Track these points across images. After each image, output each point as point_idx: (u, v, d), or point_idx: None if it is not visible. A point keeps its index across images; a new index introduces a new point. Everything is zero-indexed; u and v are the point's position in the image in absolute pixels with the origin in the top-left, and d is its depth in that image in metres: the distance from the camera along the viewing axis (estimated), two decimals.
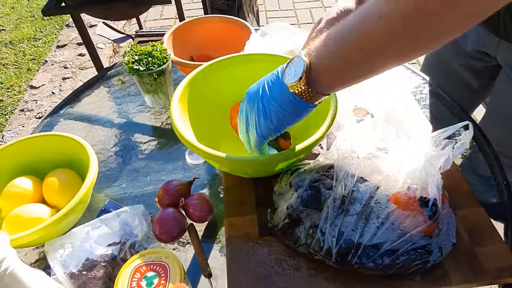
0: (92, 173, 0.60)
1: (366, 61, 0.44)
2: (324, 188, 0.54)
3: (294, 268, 0.52)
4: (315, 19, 2.71)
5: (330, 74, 0.47)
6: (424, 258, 0.49)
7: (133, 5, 1.39)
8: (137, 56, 0.77)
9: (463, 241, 0.53)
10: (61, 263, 0.54)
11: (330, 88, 0.49)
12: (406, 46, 0.41)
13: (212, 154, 0.54)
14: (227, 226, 0.58)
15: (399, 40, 0.40)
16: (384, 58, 0.43)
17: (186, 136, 0.57)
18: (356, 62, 0.44)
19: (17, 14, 2.99)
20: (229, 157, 0.54)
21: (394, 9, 0.38)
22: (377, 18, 0.40)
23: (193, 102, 0.67)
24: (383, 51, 0.42)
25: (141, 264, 0.50)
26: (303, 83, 0.47)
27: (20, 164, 0.67)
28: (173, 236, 0.58)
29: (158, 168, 0.73)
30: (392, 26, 0.39)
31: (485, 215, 0.57)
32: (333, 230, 0.50)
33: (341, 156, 0.56)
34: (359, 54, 0.43)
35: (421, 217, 0.49)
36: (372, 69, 0.45)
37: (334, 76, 0.48)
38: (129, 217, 0.58)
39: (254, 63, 0.71)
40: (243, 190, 0.63)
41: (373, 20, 0.40)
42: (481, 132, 0.75)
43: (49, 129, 0.84)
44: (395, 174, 0.54)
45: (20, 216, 0.59)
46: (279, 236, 0.56)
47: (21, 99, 2.20)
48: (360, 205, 0.52)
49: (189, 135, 0.59)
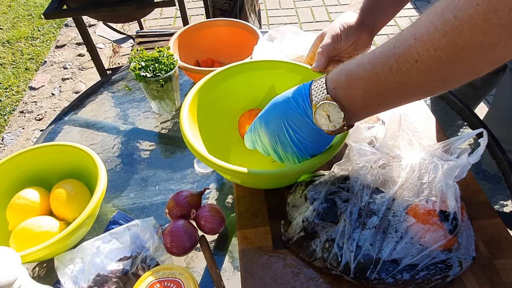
0: (101, 186, 0.59)
1: (401, 92, 0.43)
2: (340, 201, 0.53)
3: (311, 283, 0.51)
4: (316, 18, 2.69)
5: (364, 111, 0.47)
6: (444, 273, 0.48)
7: (137, 8, 1.36)
8: (144, 62, 0.76)
9: (481, 254, 0.53)
10: (72, 279, 0.52)
11: (360, 119, 0.50)
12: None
13: (230, 169, 0.53)
14: (240, 238, 0.57)
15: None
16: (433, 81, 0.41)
17: (202, 152, 0.55)
18: (390, 94, 0.44)
19: (14, 13, 2.96)
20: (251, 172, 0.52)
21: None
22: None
23: (202, 111, 0.66)
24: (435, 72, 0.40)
25: (155, 281, 0.49)
26: (341, 127, 0.47)
27: (26, 175, 0.66)
28: (185, 249, 0.57)
29: (167, 177, 0.72)
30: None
31: (503, 226, 0.56)
32: (350, 245, 0.49)
33: (356, 167, 0.55)
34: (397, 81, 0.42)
35: (441, 232, 0.48)
36: (405, 98, 0.45)
37: (367, 111, 0.48)
38: (140, 230, 0.57)
39: (264, 70, 0.70)
40: (255, 200, 0.62)
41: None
42: (495, 140, 0.74)
43: (53, 137, 0.83)
44: (411, 185, 0.54)
45: (28, 230, 0.57)
46: (294, 250, 0.54)
47: (20, 100, 2.18)
48: (378, 218, 0.51)
49: (201, 148, 0.58)
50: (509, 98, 0.84)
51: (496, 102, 0.90)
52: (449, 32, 0.34)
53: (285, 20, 2.68)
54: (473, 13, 0.33)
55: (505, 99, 0.86)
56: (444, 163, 0.53)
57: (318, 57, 0.62)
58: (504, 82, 0.85)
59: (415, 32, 0.38)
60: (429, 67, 0.37)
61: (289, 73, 0.69)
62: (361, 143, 0.58)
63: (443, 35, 0.35)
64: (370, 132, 0.67)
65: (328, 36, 0.63)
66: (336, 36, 0.63)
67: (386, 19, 0.67)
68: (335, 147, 0.54)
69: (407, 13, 2.68)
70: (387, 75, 0.41)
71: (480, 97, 1.03)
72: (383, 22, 0.67)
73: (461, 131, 0.81)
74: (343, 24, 0.63)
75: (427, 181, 0.53)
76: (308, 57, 0.69)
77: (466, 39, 0.34)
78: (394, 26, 2.58)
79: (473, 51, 0.34)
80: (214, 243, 0.62)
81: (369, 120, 0.71)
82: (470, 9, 0.33)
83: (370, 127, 0.69)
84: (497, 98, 0.90)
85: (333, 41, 0.62)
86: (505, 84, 0.85)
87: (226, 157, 0.65)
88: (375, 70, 0.42)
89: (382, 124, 0.70)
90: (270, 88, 0.72)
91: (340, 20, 0.64)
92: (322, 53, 0.62)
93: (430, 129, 0.73)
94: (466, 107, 0.83)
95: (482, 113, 0.97)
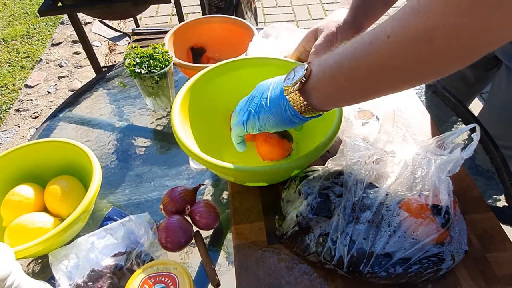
0: (96, 182, 0.59)
1: (373, 78, 0.41)
2: (333, 196, 0.53)
3: (305, 277, 0.52)
4: (312, 16, 2.69)
5: (328, 86, 0.45)
6: (436, 266, 0.48)
7: (133, 5, 1.36)
8: (139, 59, 0.76)
9: (474, 248, 0.53)
10: (66, 274, 0.52)
11: (324, 102, 0.47)
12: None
13: (221, 166, 0.52)
14: (235, 234, 0.57)
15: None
16: (396, 75, 0.40)
17: (193, 149, 0.55)
18: (362, 78, 0.42)
19: (10, 11, 2.94)
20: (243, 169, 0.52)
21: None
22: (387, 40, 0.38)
23: (194, 108, 0.66)
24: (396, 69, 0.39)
25: (150, 275, 0.49)
26: (297, 90, 0.46)
27: (21, 171, 0.66)
28: (179, 244, 0.57)
29: (162, 173, 0.72)
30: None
31: (496, 220, 0.56)
32: (344, 239, 0.50)
33: (350, 162, 0.56)
34: (373, 69, 0.40)
35: (433, 225, 0.48)
36: (375, 90, 0.43)
37: (332, 90, 0.45)
38: (134, 226, 0.57)
39: (256, 68, 0.70)
40: (249, 196, 0.62)
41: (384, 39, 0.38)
42: (488, 136, 0.75)
43: (48, 133, 0.83)
44: (404, 180, 0.54)
45: (23, 226, 0.57)
46: (288, 244, 0.55)
47: (15, 98, 2.17)
48: (371, 212, 0.51)
49: (193, 145, 0.58)
50: (503, 95, 0.84)
51: (491, 99, 0.90)
52: (422, 12, 0.34)
53: (281, 18, 2.67)
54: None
55: (500, 96, 0.86)
56: (437, 158, 0.53)
57: (312, 58, 0.62)
58: (499, 78, 0.85)
59: (394, 14, 0.38)
60: (400, 45, 0.37)
61: (279, 70, 0.69)
62: (355, 138, 0.58)
63: (416, 14, 0.35)
64: (364, 128, 0.68)
65: (323, 35, 0.62)
66: (332, 36, 0.62)
67: (374, 18, 0.67)
68: (325, 144, 0.54)
69: None
70: (360, 50, 0.40)
71: (474, 93, 1.04)
72: (371, 21, 0.67)
73: (455, 127, 0.81)
74: (339, 24, 0.63)
75: (420, 175, 0.53)
76: (298, 51, 0.68)
77: (439, 19, 0.33)
78: None
79: (444, 32, 0.33)
80: (209, 238, 0.62)
81: (364, 116, 0.71)
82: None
83: (364, 123, 0.70)
84: (492, 95, 0.90)
85: (328, 41, 0.62)
86: (499, 80, 0.85)
87: (218, 155, 0.65)
88: (352, 46, 0.42)
89: (376, 120, 0.70)
90: None
91: (336, 18, 0.64)
92: (316, 53, 0.61)
93: (424, 124, 0.73)
94: (460, 103, 0.84)
95: (477, 109, 0.98)
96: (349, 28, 0.63)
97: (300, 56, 0.68)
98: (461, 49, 0.35)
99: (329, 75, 0.44)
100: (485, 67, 0.89)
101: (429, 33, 0.34)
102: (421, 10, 0.34)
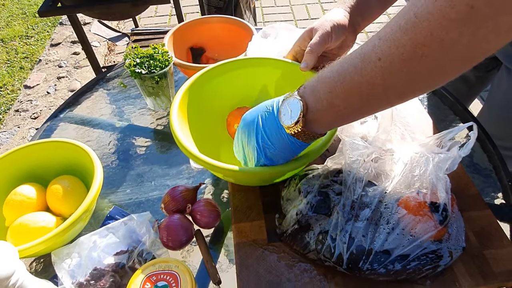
0: (98, 181, 0.60)
1: (370, 97, 0.41)
2: (333, 194, 0.54)
3: (305, 275, 0.52)
4: (311, 15, 2.70)
5: (329, 113, 0.45)
6: (434, 263, 0.49)
7: (132, 5, 1.36)
8: (139, 59, 0.76)
9: (471, 245, 0.54)
10: (69, 273, 0.53)
11: (327, 127, 0.49)
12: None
13: (220, 166, 0.53)
14: (235, 232, 0.58)
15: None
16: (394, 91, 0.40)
17: (192, 150, 0.55)
18: (358, 96, 0.42)
19: (8, 11, 2.94)
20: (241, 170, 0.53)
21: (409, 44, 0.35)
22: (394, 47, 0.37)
23: (192, 109, 0.66)
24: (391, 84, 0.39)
25: (151, 273, 0.50)
26: (300, 126, 0.46)
27: (23, 171, 0.66)
28: (181, 243, 0.58)
29: (163, 172, 0.73)
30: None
31: (493, 217, 0.57)
32: (343, 236, 0.50)
33: (349, 161, 0.56)
34: (364, 90, 0.40)
35: (431, 223, 0.49)
36: (373, 103, 0.43)
37: (333, 114, 0.45)
38: (136, 225, 0.57)
39: (253, 68, 0.70)
40: (249, 195, 0.63)
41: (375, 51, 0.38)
42: (486, 134, 0.75)
43: (49, 134, 0.83)
44: (402, 178, 0.55)
45: (25, 226, 0.58)
46: (288, 242, 0.55)
47: (15, 99, 2.17)
48: (370, 210, 0.52)
49: (192, 146, 0.58)
50: (503, 96, 0.85)
51: (491, 99, 0.91)
52: (409, 29, 0.34)
53: (280, 17, 2.68)
54: (431, 9, 0.32)
55: (499, 96, 0.87)
56: (435, 156, 0.54)
57: (307, 57, 0.62)
58: (498, 79, 0.86)
59: (380, 33, 0.38)
60: (391, 65, 0.37)
61: (276, 70, 0.69)
62: (354, 137, 0.59)
63: (404, 32, 0.35)
64: (363, 127, 0.68)
65: (318, 34, 0.62)
66: (327, 35, 0.62)
67: (371, 19, 0.67)
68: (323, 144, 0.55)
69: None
70: (352, 74, 0.40)
71: (474, 94, 1.04)
72: (368, 21, 0.67)
73: (453, 126, 0.82)
74: (334, 23, 0.63)
75: (418, 173, 0.54)
76: (294, 50, 0.68)
77: (426, 35, 0.33)
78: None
79: (433, 48, 0.34)
80: (209, 237, 0.63)
81: None
82: (429, 6, 0.33)
83: (363, 122, 0.70)
84: (491, 95, 0.91)
85: (323, 40, 0.62)
86: (499, 81, 0.86)
87: (216, 156, 0.65)
88: (342, 69, 0.42)
89: (375, 118, 0.71)
90: (259, 86, 0.72)
91: (330, 18, 0.64)
92: (312, 53, 0.61)
93: (422, 123, 0.74)
94: (458, 101, 0.84)
95: (477, 109, 0.99)
96: (344, 27, 0.64)
97: (296, 56, 0.69)
98: (456, 60, 0.35)
99: (326, 105, 0.44)
100: (485, 68, 0.90)
101: (419, 50, 0.34)
102: (410, 28, 0.34)
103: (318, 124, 0.47)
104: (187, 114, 0.65)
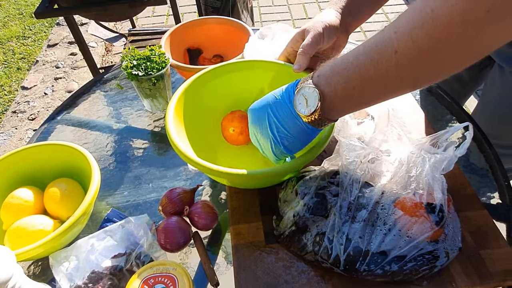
0: (95, 184, 0.60)
1: (383, 87, 0.44)
2: (330, 195, 0.54)
3: (302, 276, 0.52)
4: (309, 15, 2.70)
5: (344, 101, 0.48)
6: (431, 264, 0.49)
7: (129, 6, 1.36)
8: (136, 61, 0.76)
9: (468, 245, 0.54)
10: (67, 276, 0.53)
11: (342, 114, 0.51)
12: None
13: (216, 170, 0.53)
14: (233, 234, 0.58)
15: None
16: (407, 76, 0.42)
17: (188, 154, 0.55)
18: (372, 86, 0.44)
19: (5, 12, 2.93)
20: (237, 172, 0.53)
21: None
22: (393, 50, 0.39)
23: (188, 112, 0.66)
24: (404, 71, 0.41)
25: (149, 276, 0.50)
26: (317, 114, 0.48)
27: (20, 174, 0.66)
28: (178, 245, 0.58)
29: (160, 174, 0.73)
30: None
31: (489, 217, 0.57)
32: (340, 238, 0.51)
33: (346, 162, 0.56)
34: (377, 76, 0.43)
35: (428, 223, 0.49)
36: (387, 92, 0.45)
37: (348, 103, 0.48)
38: (133, 227, 0.57)
39: (248, 70, 0.70)
40: (247, 197, 0.63)
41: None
42: (482, 134, 0.76)
43: (46, 136, 0.83)
44: (399, 178, 0.55)
45: (23, 229, 0.58)
46: (285, 244, 0.56)
47: (12, 100, 2.16)
48: (367, 211, 0.52)
49: (188, 150, 0.58)
50: (496, 93, 0.85)
51: (484, 97, 0.92)
52: (426, 24, 0.36)
53: (277, 17, 2.68)
54: (452, 11, 0.34)
55: (493, 94, 0.87)
56: (431, 156, 0.54)
57: (300, 58, 0.62)
58: (492, 77, 0.86)
59: (395, 26, 0.39)
60: (408, 58, 0.39)
61: (275, 72, 0.69)
62: (351, 138, 0.59)
63: (421, 27, 0.36)
64: (360, 128, 0.69)
65: (310, 35, 0.62)
66: (319, 36, 0.62)
67: (362, 19, 0.68)
68: (320, 145, 0.55)
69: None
70: (368, 66, 0.42)
71: (468, 92, 1.05)
72: (359, 22, 0.68)
73: (449, 126, 0.82)
74: (326, 24, 0.63)
75: (414, 174, 0.54)
76: (286, 51, 0.68)
77: (443, 32, 0.35)
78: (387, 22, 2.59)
79: (450, 44, 0.36)
80: (207, 239, 0.63)
81: (359, 115, 0.72)
82: (449, 8, 0.34)
83: (359, 122, 0.70)
84: (485, 93, 0.91)
85: (315, 42, 0.62)
86: (492, 79, 0.86)
87: (213, 158, 0.65)
88: (357, 61, 0.43)
89: (371, 119, 0.71)
90: (254, 88, 0.71)
91: (322, 19, 0.64)
92: (304, 54, 0.62)
93: (419, 123, 0.74)
94: (454, 101, 0.85)
95: (472, 107, 0.99)
96: (337, 28, 0.64)
97: (289, 57, 0.69)
98: (470, 54, 0.37)
99: (341, 95, 0.47)
100: (479, 66, 0.91)
101: (435, 45, 0.36)
102: (427, 23, 0.36)
103: (334, 112, 0.49)
104: (183, 117, 0.65)
